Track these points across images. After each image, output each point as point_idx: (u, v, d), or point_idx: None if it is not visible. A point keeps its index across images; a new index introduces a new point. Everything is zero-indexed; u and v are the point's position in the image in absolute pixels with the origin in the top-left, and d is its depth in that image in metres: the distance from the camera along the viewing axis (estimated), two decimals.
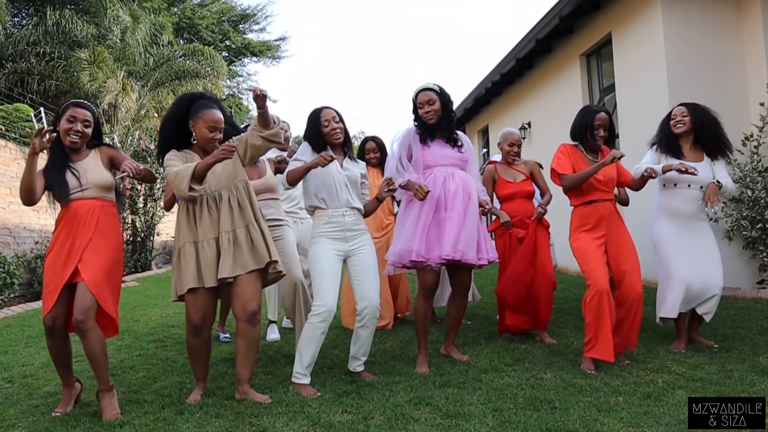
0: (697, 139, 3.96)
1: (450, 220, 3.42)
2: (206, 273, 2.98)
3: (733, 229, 5.98)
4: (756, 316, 4.61)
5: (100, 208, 3.09)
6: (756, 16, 6.13)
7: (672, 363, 3.39)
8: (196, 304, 3.01)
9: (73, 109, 3.12)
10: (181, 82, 16.98)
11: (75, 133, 3.11)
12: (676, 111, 4.01)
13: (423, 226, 3.44)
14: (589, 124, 3.69)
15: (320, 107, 3.46)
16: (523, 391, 2.95)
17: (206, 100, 3.14)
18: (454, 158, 3.59)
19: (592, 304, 3.36)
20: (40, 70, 15.92)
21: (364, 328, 3.29)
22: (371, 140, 5.13)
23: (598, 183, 3.63)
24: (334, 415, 2.74)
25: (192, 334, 3.06)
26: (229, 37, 26.31)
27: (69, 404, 3.09)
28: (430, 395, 2.93)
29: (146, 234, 12.49)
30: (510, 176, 4.53)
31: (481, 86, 10.77)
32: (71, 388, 3.14)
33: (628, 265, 3.54)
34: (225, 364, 3.87)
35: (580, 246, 3.59)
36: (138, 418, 2.84)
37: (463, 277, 3.66)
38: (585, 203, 3.66)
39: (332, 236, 3.31)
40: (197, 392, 3.14)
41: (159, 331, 5.26)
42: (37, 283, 9.79)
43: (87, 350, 2.94)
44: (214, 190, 3.05)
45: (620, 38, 7.08)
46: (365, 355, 3.38)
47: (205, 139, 3.07)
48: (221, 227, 3.02)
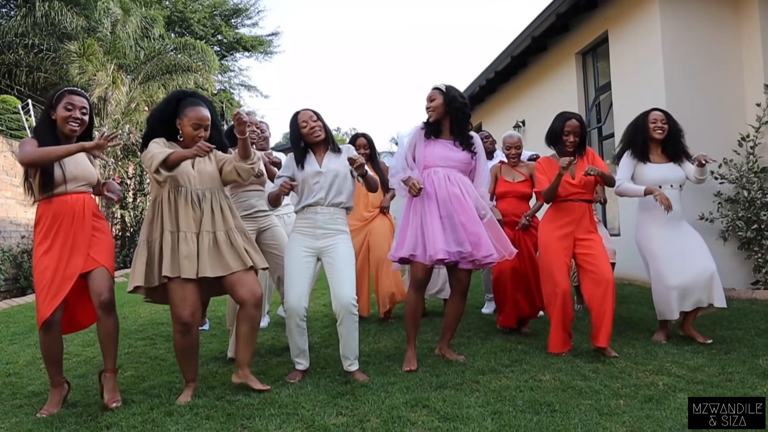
0: (665, 146, 4.14)
1: (444, 221, 3.46)
2: (186, 264, 2.93)
3: (728, 230, 5.97)
4: (752, 317, 4.58)
5: (91, 201, 3.10)
6: (753, 16, 6.10)
7: (671, 365, 3.34)
8: (185, 300, 2.94)
9: (69, 97, 3.06)
10: (172, 76, 16.76)
11: (74, 121, 3.05)
12: (656, 116, 4.12)
13: (414, 225, 3.53)
14: (559, 130, 3.86)
15: (298, 111, 3.52)
16: (521, 393, 2.88)
17: (196, 98, 3.14)
18: (455, 160, 3.59)
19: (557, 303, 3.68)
20: (28, 62, 15.67)
21: (342, 326, 3.29)
22: (362, 137, 5.18)
23: (573, 187, 3.81)
24: (329, 417, 2.66)
25: (181, 332, 2.98)
26: (221, 31, 26.09)
27: (57, 405, 2.97)
28: (427, 397, 2.86)
29: (135, 229, 12.33)
30: (510, 176, 4.69)
31: (476, 84, 10.71)
32: (60, 388, 3.03)
33: (598, 257, 3.71)
34: (216, 363, 3.79)
35: (544, 242, 3.84)
36: (125, 420, 2.74)
37: (461, 277, 3.63)
38: (561, 200, 3.84)
39: (304, 232, 3.39)
40: (188, 393, 3.05)
41: (148, 328, 5.16)
42: (23, 278, 9.64)
43: (107, 330, 2.99)
44: (198, 188, 3.07)
45: (617, 37, 7.04)
46: (353, 353, 3.32)
47: (189, 136, 3.07)
48: (203, 226, 3.03)
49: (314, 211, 3.37)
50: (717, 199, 6.02)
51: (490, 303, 5.30)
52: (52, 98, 3.08)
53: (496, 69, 9.60)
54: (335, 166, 3.42)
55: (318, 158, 3.46)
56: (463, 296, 3.68)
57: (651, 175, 4.06)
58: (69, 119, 3.03)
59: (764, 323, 4.32)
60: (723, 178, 5.94)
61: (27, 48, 15.74)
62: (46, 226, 2.97)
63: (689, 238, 4.02)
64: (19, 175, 10.17)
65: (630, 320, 4.63)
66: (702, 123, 5.94)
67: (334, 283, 3.31)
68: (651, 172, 4.07)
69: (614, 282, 3.69)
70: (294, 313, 3.25)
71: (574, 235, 3.79)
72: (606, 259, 3.75)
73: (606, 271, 3.67)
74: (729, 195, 6.01)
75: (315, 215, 3.37)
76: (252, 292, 3.03)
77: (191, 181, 3.05)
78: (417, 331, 3.64)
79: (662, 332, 4.02)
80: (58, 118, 3.03)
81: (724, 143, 6.08)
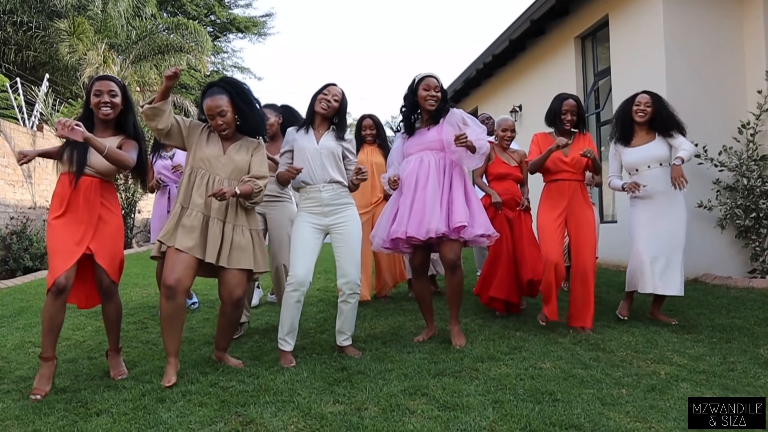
0: (652, 126, 4.22)
1: (418, 201, 3.51)
2: (181, 235, 3.05)
3: (726, 218, 5.92)
4: (751, 305, 4.55)
5: (101, 184, 3.17)
6: (757, 3, 6.01)
7: (672, 353, 3.30)
8: (174, 267, 3.01)
9: (97, 83, 3.20)
10: (165, 57, 16.52)
11: (105, 105, 3.17)
12: (640, 98, 4.22)
13: (391, 212, 3.66)
14: (557, 109, 4.05)
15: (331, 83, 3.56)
16: (522, 382, 2.82)
17: (216, 87, 3.22)
18: (426, 143, 3.63)
19: (545, 274, 3.88)
20: (17, 40, 15.37)
21: (345, 303, 3.43)
22: (368, 117, 5.22)
23: (564, 164, 4.00)
24: (326, 405, 2.60)
25: (166, 296, 3.01)
26: (214, 11, 25.70)
27: (48, 383, 2.96)
28: (426, 385, 2.80)
29: (127, 211, 12.20)
30: (505, 158, 4.74)
31: (472, 67, 10.59)
32: (51, 363, 3.01)
33: (584, 240, 3.92)
34: (208, 348, 3.71)
35: (541, 223, 4.00)
36: (116, 406, 2.67)
37: (446, 252, 3.54)
38: (552, 180, 4.05)
39: (311, 211, 3.44)
40: (171, 371, 3.02)
41: (140, 312, 5.08)
42: (12, 260, 9.49)
43: (107, 314, 3.20)
44: (221, 175, 3.16)
45: (618, 21, 6.94)
46: (351, 330, 3.49)
47: (212, 124, 3.21)
48: (212, 211, 3.12)
49: (317, 189, 3.43)
50: (716, 187, 5.97)
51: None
52: (89, 88, 3.26)
53: (493, 53, 9.48)
54: (332, 145, 3.47)
55: (317, 134, 3.50)
56: (453, 269, 3.57)
57: (628, 159, 4.22)
58: (99, 104, 3.17)
59: (762, 312, 4.29)
60: (722, 166, 5.89)
61: (15, 26, 15.43)
62: (59, 195, 3.11)
63: (672, 222, 4.06)
64: (8, 155, 9.99)
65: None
66: (702, 109, 5.89)
67: (342, 260, 3.41)
68: (628, 156, 4.22)
69: (593, 267, 3.89)
70: (300, 285, 3.30)
71: (567, 211, 3.98)
72: (589, 244, 3.92)
73: (585, 259, 3.88)
74: (728, 183, 5.96)
75: (319, 193, 3.43)
76: (230, 294, 3.16)
77: (214, 166, 3.16)
78: (431, 310, 3.82)
79: (626, 305, 4.22)
80: (93, 105, 3.18)
81: (724, 130, 6.02)
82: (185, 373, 3.11)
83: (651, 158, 4.12)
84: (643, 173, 4.13)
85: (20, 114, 12.19)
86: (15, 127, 10.58)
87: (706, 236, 5.98)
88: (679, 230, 4.05)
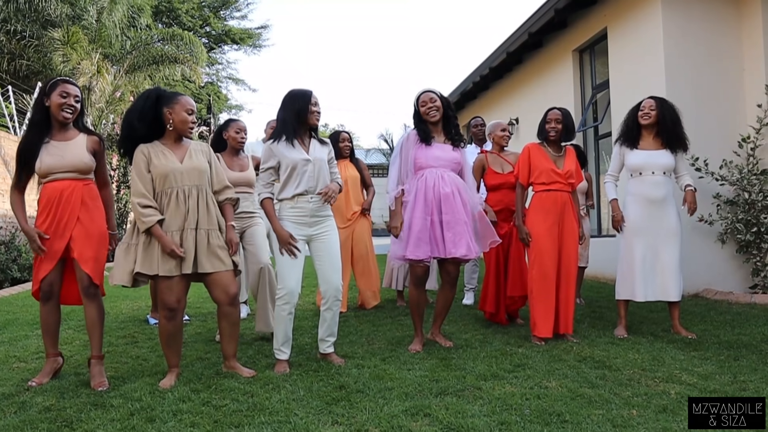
0: (658, 132, 4.22)
1: (440, 223, 3.68)
2: (162, 261, 3.06)
3: (727, 232, 5.86)
4: (755, 322, 4.46)
5: (83, 187, 3.24)
6: (756, 16, 5.99)
7: (681, 372, 3.19)
8: (171, 288, 3.09)
9: (63, 85, 3.23)
10: (159, 67, 16.45)
11: (69, 108, 3.23)
12: (645, 103, 4.27)
13: (416, 229, 3.68)
14: (543, 120, 4.17)
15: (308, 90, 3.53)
16: (528, 402, 2.71)
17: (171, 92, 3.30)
18: (447, 160, 3.79)
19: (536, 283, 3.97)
20: (10, 49, 15.25)
21: (328, 311, 3.53)
22: (344, 132, 5.58)
23: (558, 176, 4.06)
24: (324, 426, 2.48)
25: (167, 317, 3.11)
26: (209, 23, 25.73)
27: (46, 376, 3.21)
28: (428, 404, 2.68)
29: (118, 222, 12.02)
30: (498, 166, 4.73)
31: (469, 80, 10.56)
32: (53, 360, 3.29)
33: (567, 251, 4.03)
34: (201, 363, 3.58)
35: (536, 234, 4.02)
36: (103, 426, 2.54)
37: (450, 269, 3.87)
38: (545, 190, 4.08)
39: (296, 221, 3.46)
40: (171, 377, 3.15)
41: (130, 325, 4.93)
42: None
43: (89, 316, 3.21)
44: (186, 185, 3.15)
45: (616, 34, 6.91)
46: (333, 336, 3.58)
47: (183, 122, 3.19)
48: (187, 223, 3.13)
49: (306, 200, 3.46)
50: (716, 201, 5.91)
51: (468, 294, 5.70)
52: (47, 86, 3.27)
53: (490, 65, 9.45)
54: (320, 155, 3.53)
55: (303, 145, 3.50)
56: (453, 286, 3.92)
57: (632, 161, 4.22)
58: (64, 106, 3.21)
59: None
60: (723, 180, 5.83)
61: (9, 34, 15.31)
62: (42, 204, 3.24)
63: (667, 229, 4.11)
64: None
65: (630, 324, 4.47)
66: (702, 123, 5.83)
67: (324, 268, 3.50)
68: (632, 158, 4.23)
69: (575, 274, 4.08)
70: (291, 297, 3.38)
71: (558, 223, 4.03)
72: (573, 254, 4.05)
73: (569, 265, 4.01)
74: (729, 197, 5.90)
75: (307, 204, 3.46)
76: (226, 292, 3.19)
77: (178, 179, 3.14)
78: (422, 320, 3.92)
79: (621, 325, 4.18)
80: (53, 105, 3.20)
81: (724, 144, 5.97)
82: (176, 391, 2.98)
83: (657, 165, 4.15)
84: (646, 177, 4.17)
85: (11, 122, 12.05)
86: (5, 135, 10.44)
87: (707, 251, 5.91)
88: (674, 235, 4.11)
